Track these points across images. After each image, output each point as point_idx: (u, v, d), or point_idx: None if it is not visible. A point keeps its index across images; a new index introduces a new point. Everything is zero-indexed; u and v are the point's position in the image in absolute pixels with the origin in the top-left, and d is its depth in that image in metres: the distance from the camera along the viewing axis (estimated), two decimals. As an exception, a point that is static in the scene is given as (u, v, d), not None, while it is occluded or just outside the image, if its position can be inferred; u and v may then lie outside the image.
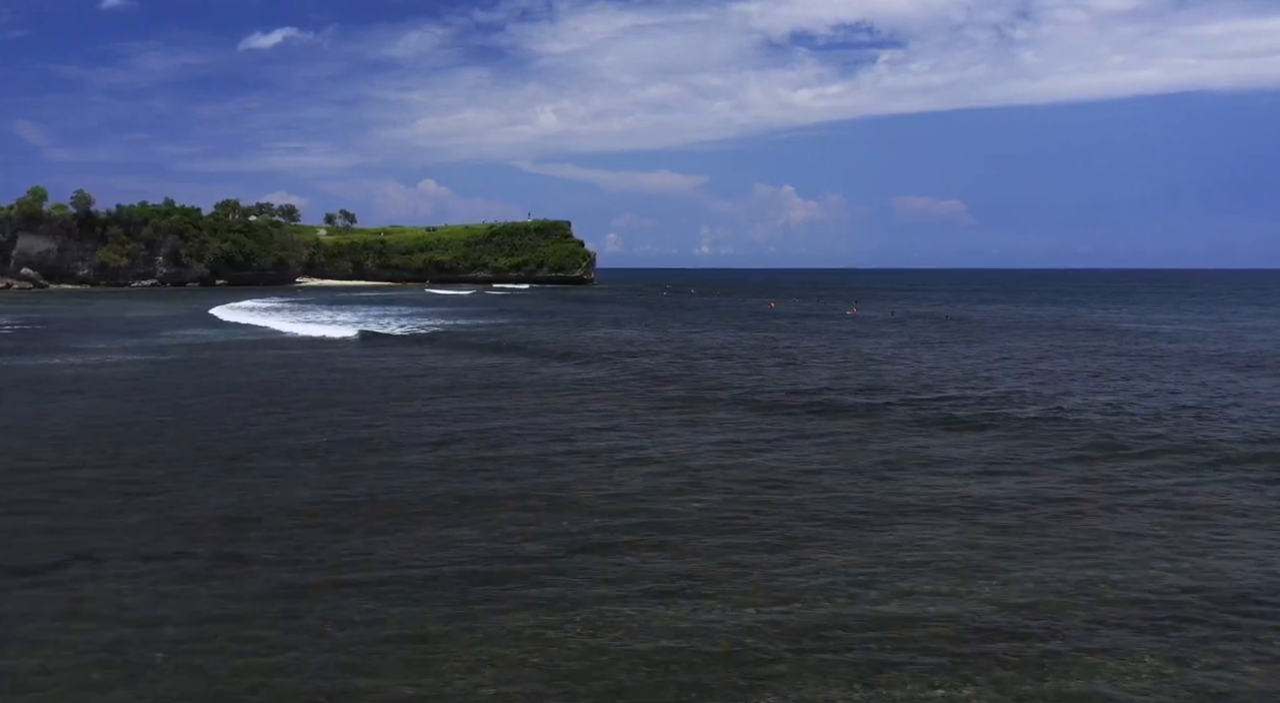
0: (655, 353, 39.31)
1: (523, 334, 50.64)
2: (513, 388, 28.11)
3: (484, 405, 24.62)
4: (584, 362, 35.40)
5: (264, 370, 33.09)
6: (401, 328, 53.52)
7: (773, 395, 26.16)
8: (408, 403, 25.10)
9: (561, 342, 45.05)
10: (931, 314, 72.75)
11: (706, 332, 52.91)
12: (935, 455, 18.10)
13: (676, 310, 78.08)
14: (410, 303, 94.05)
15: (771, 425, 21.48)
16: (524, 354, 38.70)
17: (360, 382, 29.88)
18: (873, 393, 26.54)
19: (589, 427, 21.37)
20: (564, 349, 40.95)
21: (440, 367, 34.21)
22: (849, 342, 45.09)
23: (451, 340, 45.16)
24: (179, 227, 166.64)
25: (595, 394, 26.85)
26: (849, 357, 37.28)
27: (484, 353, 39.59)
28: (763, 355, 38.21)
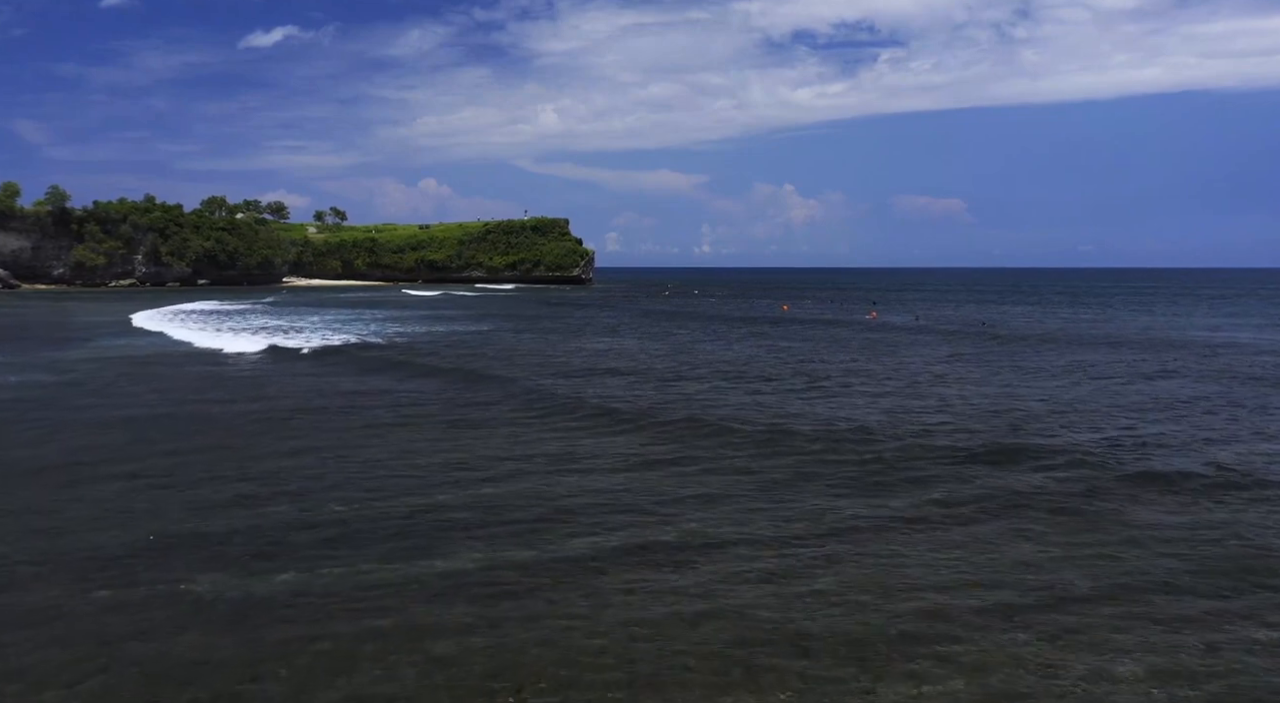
0: (655, 376, 32.62)
1: (490, 347, 43.99)
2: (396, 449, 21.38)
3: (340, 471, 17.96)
4: (538, 399, 26.70)
5: (110, 400, 26.43)
6: (333, 339, 46.21)
7: (822, 444, 19.52)
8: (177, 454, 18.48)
9: (531, 362, 38.34)
10: (958, 319, 66.10)
11: (717, 342, 46.23)
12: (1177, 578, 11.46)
13: (681, 317, 71.37)
14: (382, 307, 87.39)
15: (842, 511, 14.81)
16: (460, 381, 31.82)
17: (193, 421, 23.25)
18: (957, 436, 19.91)
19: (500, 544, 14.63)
20: (533, 371, 34.24)
21: (316, 395, 27.59)
22: (883, 354, 38.47)
23: (373, 359, 36.89)
24: (159, 224, 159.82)
25: (553, 450, 20.13)
26: (894, 377, 30.66)
27: (413, 376, 32.82)
28: (786, 373, 31.60)
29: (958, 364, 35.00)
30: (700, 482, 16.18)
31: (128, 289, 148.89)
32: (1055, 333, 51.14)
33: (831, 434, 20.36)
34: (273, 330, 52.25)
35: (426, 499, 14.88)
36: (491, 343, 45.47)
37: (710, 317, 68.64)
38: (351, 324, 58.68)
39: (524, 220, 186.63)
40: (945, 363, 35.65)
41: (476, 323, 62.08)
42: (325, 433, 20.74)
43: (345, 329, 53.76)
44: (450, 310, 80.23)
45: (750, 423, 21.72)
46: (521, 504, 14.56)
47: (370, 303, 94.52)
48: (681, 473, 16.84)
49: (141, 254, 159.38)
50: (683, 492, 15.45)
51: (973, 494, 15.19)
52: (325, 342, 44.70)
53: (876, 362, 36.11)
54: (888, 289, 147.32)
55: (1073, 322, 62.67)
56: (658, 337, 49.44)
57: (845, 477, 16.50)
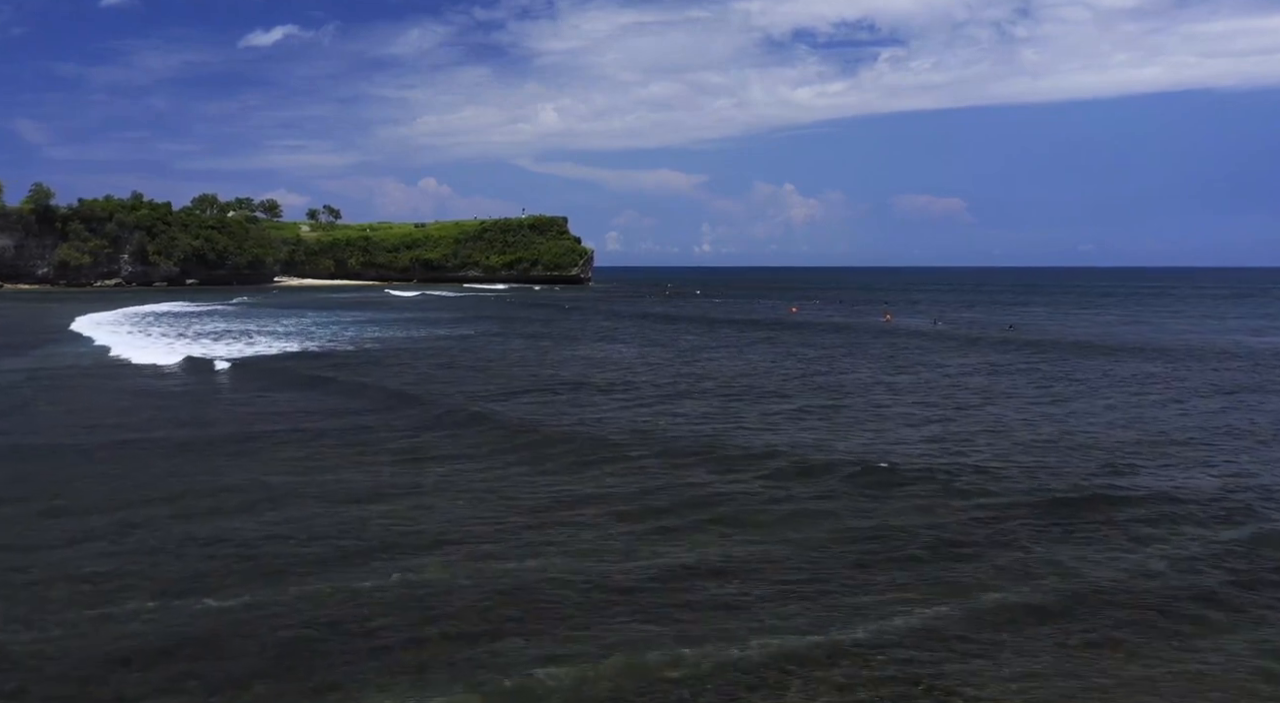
0: (654, 393, 28.41)
1: (465, 356, 39.82)
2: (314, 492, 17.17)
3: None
4: (491, 428, 22.30)
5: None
6: (272, 348, 41.74)
7: (866, 492, 15.29)
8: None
9: (499, 378, 34.19)
10: (978, 322, 61.84)
11: (723, 349, 41.99)
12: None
13: (683, 321, 67.16)
14: (365, 308, 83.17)
15: (917, 614, 10.62)
16: (390, 404, 27.60)
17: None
18: (1038, 477, 15.66)
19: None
20: (497, 389, 30.08)
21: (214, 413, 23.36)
22: (910, 364, 34.23)
23: (294, 374, 31.82)
24: (146, 222, 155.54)
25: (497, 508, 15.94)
26: (930, 394, 26.42)
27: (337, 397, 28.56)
28: (803, 388, 27.39)
29: (1000, 377, 30.74)
30: (720, 576, 11.95)
31: (113, 289, 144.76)
32: (1092, 339, 46.84)
33: (873, 475, 16.14)
34: (218, 336, 47.87)
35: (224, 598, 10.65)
36: (471, 351, 41.22)
37: (714, 320, 64.41)
38: (324, 328, 54.41)
39: (521, 219, 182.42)
40: (984, 375, 31.41)
41: (461, 327, 57.84)
42: (155, 470, 16.58)
43: (305, 336, 49.44)
44: (436, 312, 76.03)
45: (770, 458, 17.50)
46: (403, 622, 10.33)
47: (355, 304, 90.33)
48: (697, 558, 12.62)
49: (128, 253, 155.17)
50: (697, 590, 11.22)
51: (1106, 582, 10.96)
52: (263, 351, 40.31)
53: (905, 373, 31.89)
54: (893, 289, 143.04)
55: (1103, 325, 58.41)
56: (658, 343, 45.21)
57: (904, 550, 12.26)
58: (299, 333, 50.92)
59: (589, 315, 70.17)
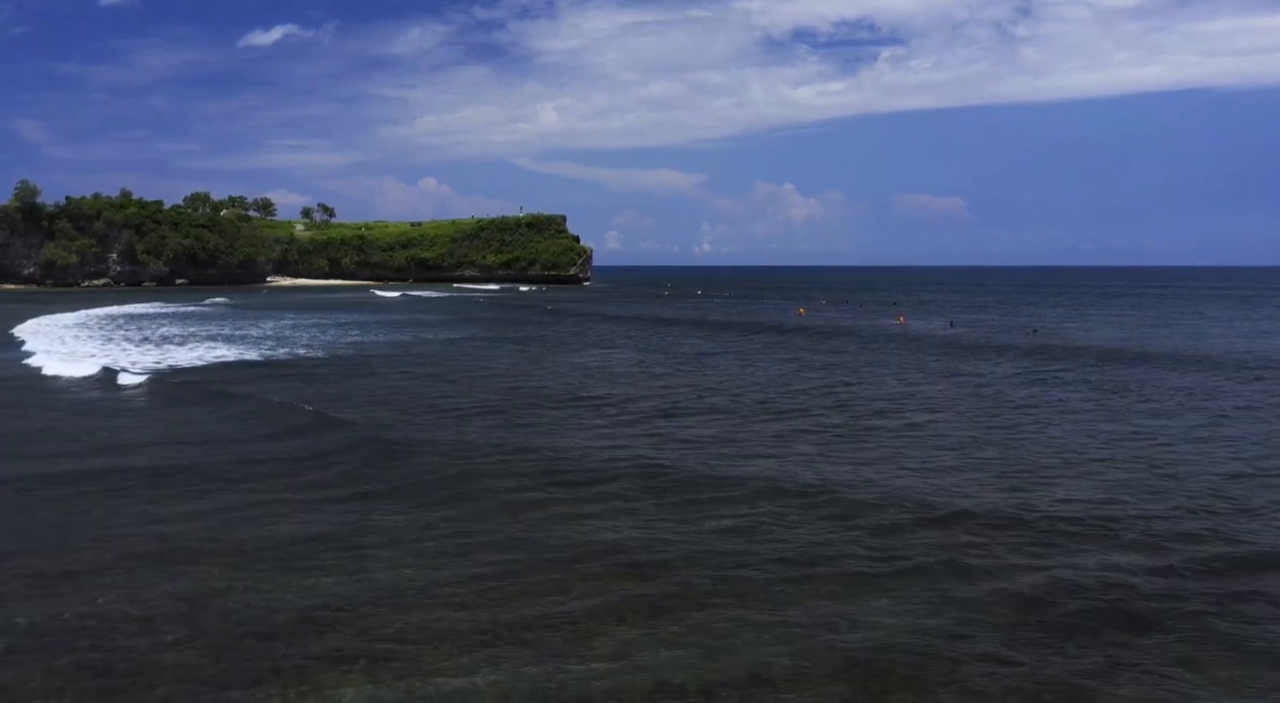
0: (650, 410, 24.94)
1: (441, 367, 36.39)
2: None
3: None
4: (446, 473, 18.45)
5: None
6: (236, 353, 38.34)
7: (941, 539, 11.78)
8: None
9: (465, 396, 30.77)
10: (997, 324, 58.29)
11: (729, 356, 38.48)
12: None
13: (685, 326, 63.70)
14: (351, 310, 79.71)
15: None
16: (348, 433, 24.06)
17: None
18: (1154, 528, 12.13)
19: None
20: (456, 412, 26.60)
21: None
22: (939, 374, 30.72)
23: (212, 392, 27.39)
24: (135, 221, 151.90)
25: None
26: (970, 410, 22.92)
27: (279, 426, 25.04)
28: (825, 404, 23.90)
29: (1045, 389, 27.19)
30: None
31: (101, 289, 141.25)
32: (1125, 344, 43.30)
33: (949, 525, 12.62)
34: (181, 341, 44.39)
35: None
36: (452, 359, 37.71)
37: (718, 324, 60.87)
38: (301, 332, 50.93)
39: (519, 217, 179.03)
40: (1025, 386, 27.88)
41: (448, 330, 54.33)
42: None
43: (277, 340, 45.96)
44: (424, 315, 72.56)
45: (806, 498, 13.99)
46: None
47: (340, 306, 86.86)
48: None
49: (116, 253, 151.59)
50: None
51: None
52: (217, 357, 36.75)
53: (936, 384, 28.37)
54: (897, 289, 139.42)
55: (1128, 327, 54.83)
56: (658, 349, 41.69)
57: (995, 634, 8.74)
58: (271, 337, 47.37)
59: (584, 319, 66.69)
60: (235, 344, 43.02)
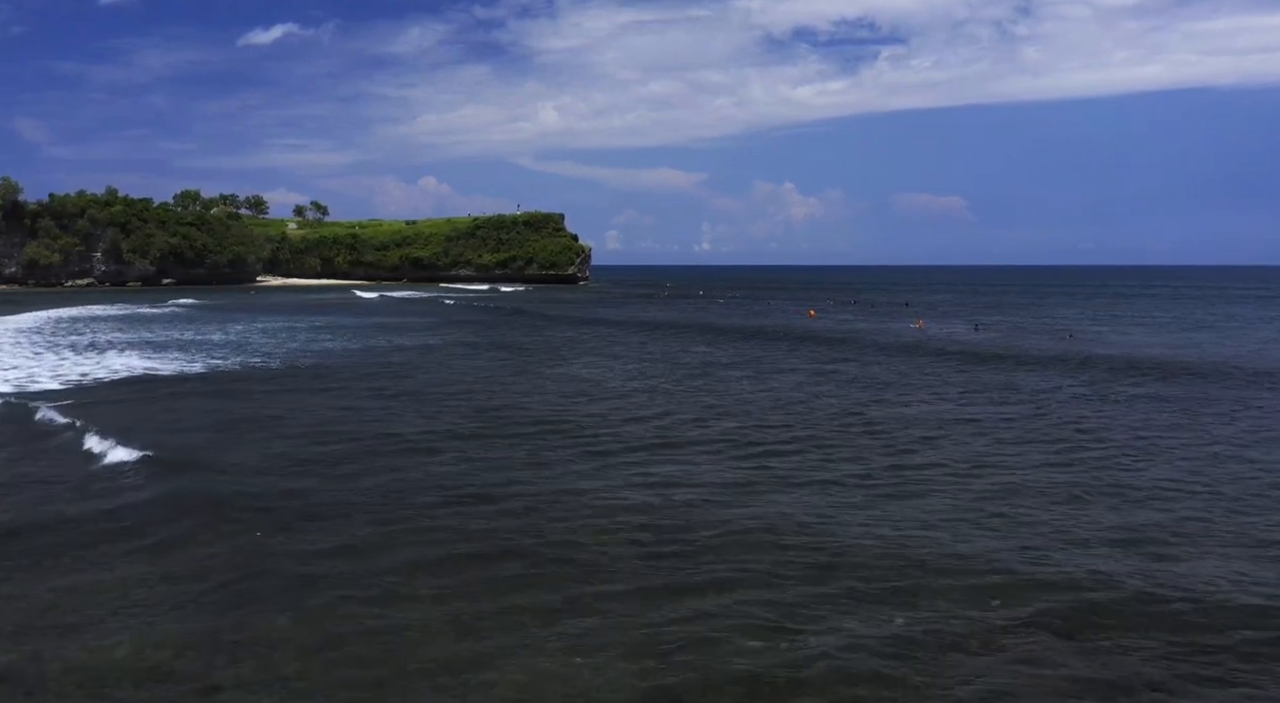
0: (644, 443, 20.63)
1: (398, 383, 32.07)
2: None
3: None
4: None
5: None
6: (178, 365, 33.91)
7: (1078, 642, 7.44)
8: None
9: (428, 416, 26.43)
10: (1025, 328, 53.93)
11: (737, 368, 34.16)
12: None
13: (688, 332, 59.36)
14: (330, 312, 75.41)
15: None
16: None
17: None
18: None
19: None
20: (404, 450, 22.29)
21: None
22: (984, 390, 26.39)
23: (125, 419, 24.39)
24: (120, 219, 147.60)
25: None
26: (1048, 444, 18.58)
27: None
28: (853, 433, 19.58)
29: (1124, 412, 22.77)
30: None
31: (85, 289, 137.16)
32: (1185, 353, 38.89)
33: (1056, 614, 8.27)
34: (104, 350, 39.89)
35: None
36: (424, 370, 33.34)
37: (723, 330, 56.44)
38: (268, 337, 46.55)
39: (516, 215, 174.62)
40: (1091, 405, 23.52)
41: (429, 335, 50.01)
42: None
43: (237, 348, 41.67)
44: (405, 318, 68.26)
45: (863, 571, 9.67)
46: None
47: (318, 308, 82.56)
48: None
49: (101, 251, 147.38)
50: None
51: None
52: (131, 371, 32.16)
53: (985, 404, 24.03)
54: (902, 289, 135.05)
55: (1167, 330, 50.43)
56: (658, 359, 37.36)
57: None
58: (231, 344, 42.96)
59: (577, 323, 62.37)
60: (187, 352, 38.65)
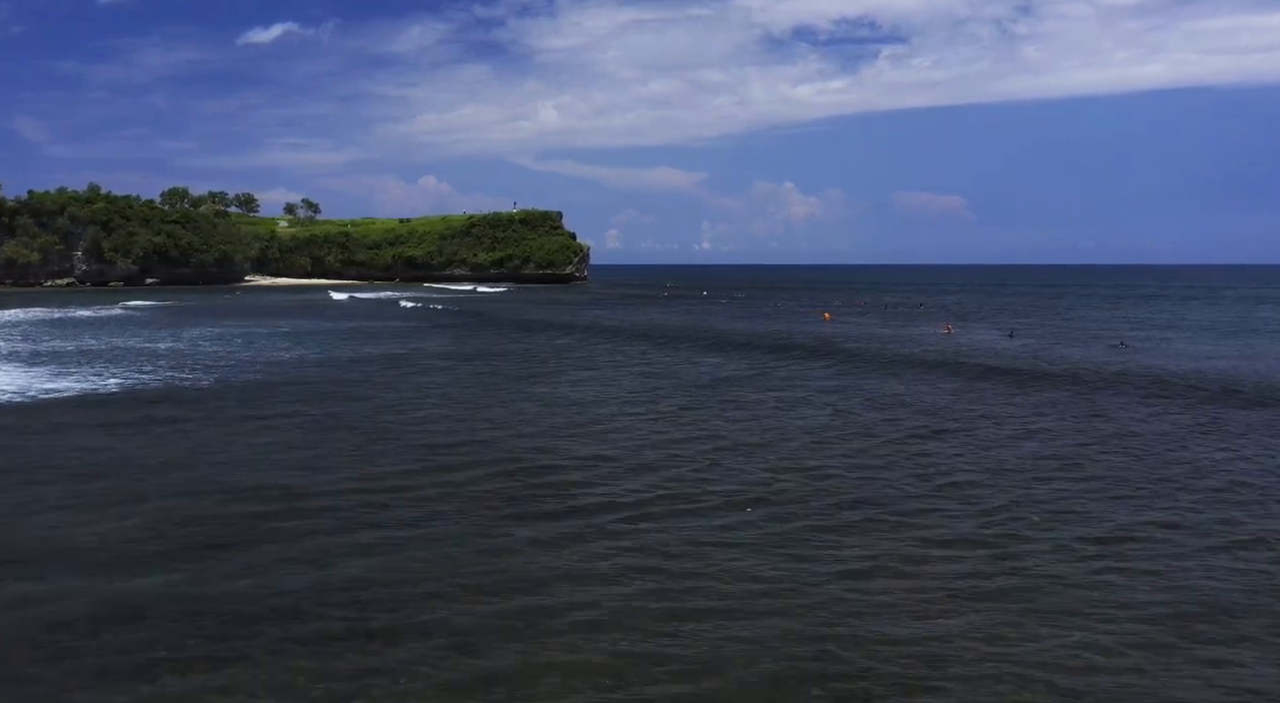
0: (654, 510, 15.68)
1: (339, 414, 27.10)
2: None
3: None
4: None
5: None
6: (81, 385, 29.10)
7: None
8: None
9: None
10: (1061, 334, 49.00)
11: (756, 389, 29.24)
12: None
13: (695, 343, 54.41)
14: (289, 315, 70.45)
15: None
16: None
17: None
18: None
19: None
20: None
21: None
22: (1058, 418, 21.46)
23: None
24: (102, 217, 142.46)
25: None
26: (1192, 514, 13.67)
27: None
28: (931, 488, 14.71)
29: (1261, 448, 17.85)
30: None
31: (64, 289, 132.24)
32: (1261, 371, 34.04)
33: None
34: (30, 361, 35.13)
35: None
36: (388, 386, 28.29)
37: (732, 337, 51.47)
38: (219, 345, 41.34)
39: (512, 213, 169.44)
40: (1217, 441, 18.59)
41: (400, 343, 45.04)
42: None
43: (174, 361, 36.69)
44: (380, 322, 63.33)
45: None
46: None
47: (289, 310, 77.55)
48: None
49: (81, 250, 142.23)
50: None
51: None
52: (23, 393, 27.34)
53: (1081, 445, 19.10)
54: (908, 289, 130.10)
55: (1219, 335, 45.50)
56: (661, 374, 32.43)
57: None
58: (175, 354, 37.83)
59: (571, 331, 57.41)
60: (109, 365, 33.50)
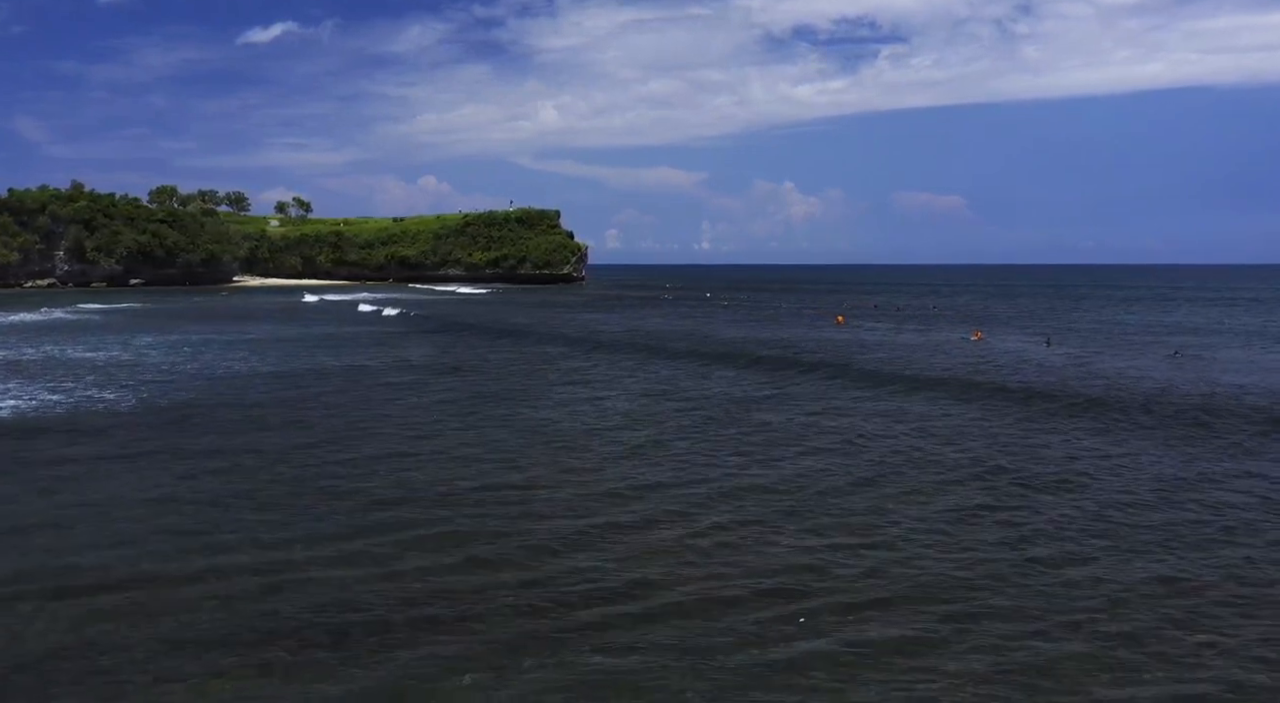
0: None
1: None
2: None
3: None
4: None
5: None
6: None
7: None
8: None
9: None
10: (1105, 344, 44.68)
11: (778, 412, 24.87)
12: None
13: (705, 359, 50.06)
14: (256, 320, 66.08)
15: None
16: None
17: None
18: None
19: None
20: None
21: None
22: (1142, 451, 17.16)
23: None
24: (84, 215, 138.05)
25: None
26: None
27: None
28: (1043, 589, 10.40)
29: None
30: None
31: (45, 290, 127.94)
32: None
33: None
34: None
35: None
36: (332, 412, 23.85)
37: (743, 347, 47.07)
38: (165, 355, 36.72)
39: (508, 212, 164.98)
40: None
41: (367, 353, 40.65)
42: None
43: (101, 375, 32.29)
44: (354, 327, 58.97)
45: None
46: None
47: (259, 314, 73.16)
48: None
49: (63, 250, 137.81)
50: None
51: None
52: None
53: (1186, 492, 14.78)
54: (914, 289, 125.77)
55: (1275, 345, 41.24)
56: (661, 392, 28.06)
57: None
58: (114, 366, 33.27)
59: (564, 341, 53.04)
60: (36, 380, 29.05)
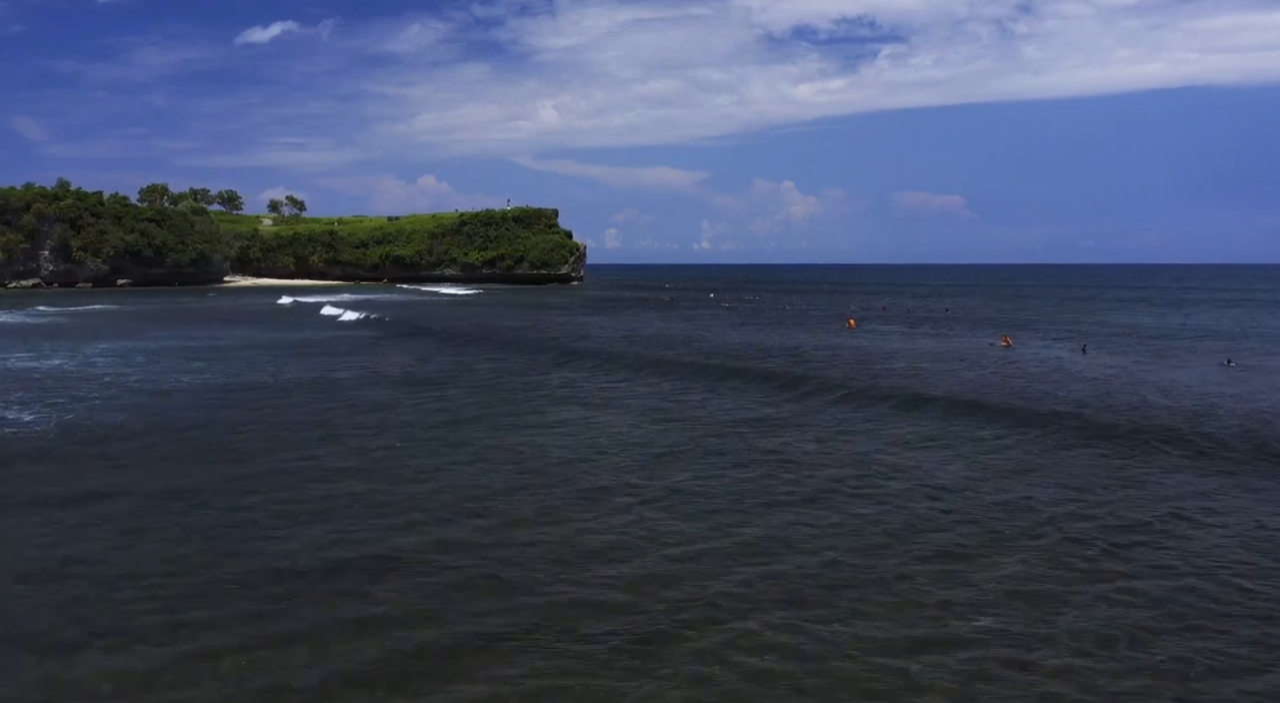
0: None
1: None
2: None
3: None
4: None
5: None
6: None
7: None
8: None
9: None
10: (1147, 351, 41.23)
11: (801, 442, 21.48)
12: None
13: (714, 374, 46.58)
14: (232, 323, 62.64)
15: None
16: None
17: None
18: None
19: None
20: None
21: None
22: (1238, 493, 13.78)
23: None
24: (70, 214, 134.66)
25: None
26: None
27: None
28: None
29: None
30: None
31: (29, 291, 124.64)
32: None
33: None
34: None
35: None
36: (277, 442, 20.37)
37: (754, 361, 43.66)
38: (119, 365, 33.14)
39: (505, 210, 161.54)
40: None
41: (343, 363, 37.19)
42: None
43: (38, 392, 28.83)
44: (327, 332, 55.53)
45: None
46: None
47: (234, 317, 69.74)
48: None
49: (48, 249, 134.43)
50: None
51: None
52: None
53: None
54: (918, 290, 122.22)
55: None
56: (663, 418, 24.60)
57: None
58: (51, 378, 29.74)
59: (555, 351, 49.59)
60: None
